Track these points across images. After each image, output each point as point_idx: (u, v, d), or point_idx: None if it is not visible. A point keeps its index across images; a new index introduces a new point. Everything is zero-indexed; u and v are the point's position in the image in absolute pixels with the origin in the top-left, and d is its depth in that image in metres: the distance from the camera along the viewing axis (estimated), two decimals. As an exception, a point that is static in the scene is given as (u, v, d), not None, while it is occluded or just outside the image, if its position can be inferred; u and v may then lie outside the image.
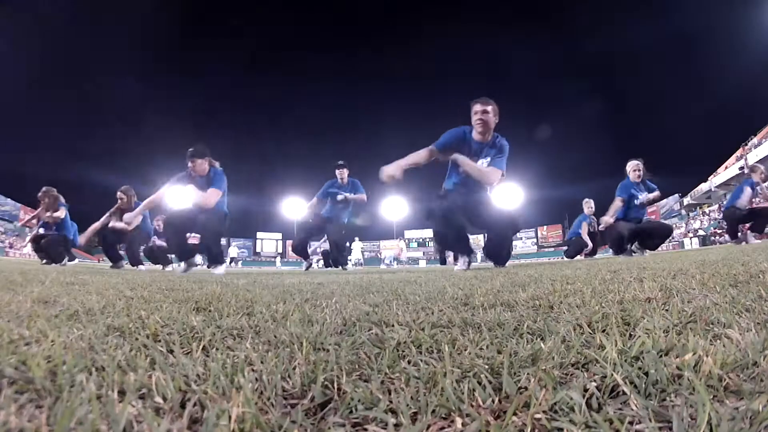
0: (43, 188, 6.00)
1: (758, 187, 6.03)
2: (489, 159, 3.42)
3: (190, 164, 4.04)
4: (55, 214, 5.89)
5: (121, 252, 6.07)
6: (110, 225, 5.21)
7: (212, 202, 4.07)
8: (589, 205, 7.38)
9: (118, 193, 5.60)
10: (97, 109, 77.03)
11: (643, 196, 5.21)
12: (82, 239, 5.94)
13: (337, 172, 5.94)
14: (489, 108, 3.35)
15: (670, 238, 6.69)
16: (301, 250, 6.16)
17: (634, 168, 5.25)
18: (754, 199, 6.17)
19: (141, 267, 6.00)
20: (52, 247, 5.85)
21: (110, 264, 5.87)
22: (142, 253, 6.48)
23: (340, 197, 5.82)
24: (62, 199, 6.09)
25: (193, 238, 4.39)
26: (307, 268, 5.95)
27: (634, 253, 5.45)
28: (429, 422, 0.34)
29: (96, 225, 5.61)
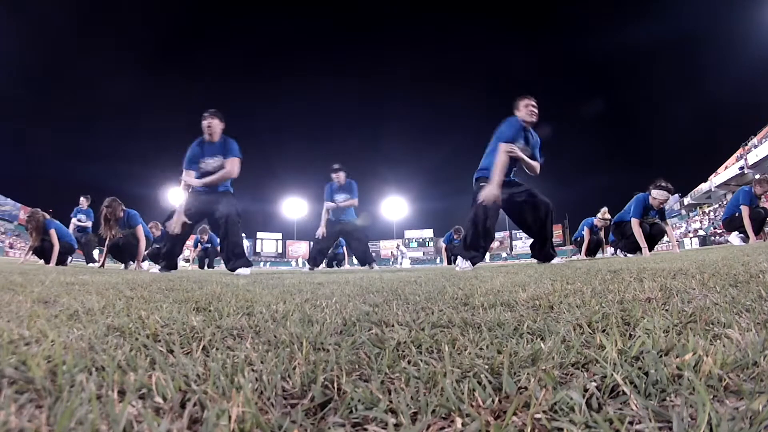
0: (27, 214, 5.86)
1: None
2: (527, 147, 3.79)
3: (206, 122, 3.84)
4: (49, 238, 5.79)
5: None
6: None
7: (236, 171, 3.93)
8: (603, 216, 7.31)
9: (104, 209, 5.39)
10: (97, 109, 77.12)
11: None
12: (100, 258, 5.96)
13: (333, 176, 6.11)
14: (535, 102, 3.79)
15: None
16: (320, 260, 6.33)
17: (662, 198, 5.18)
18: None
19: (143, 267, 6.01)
20: (57, 263, 5.89)
21: (123, 266, 5.95)
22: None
23: (330, 205, 6.06)
24: (47, 217, 5.91)
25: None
26: (311, 269, 6.01)
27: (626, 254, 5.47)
28: (429, 422, 0.34)
29: (106, 245, 5.61)
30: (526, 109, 3.76)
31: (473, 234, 3.65)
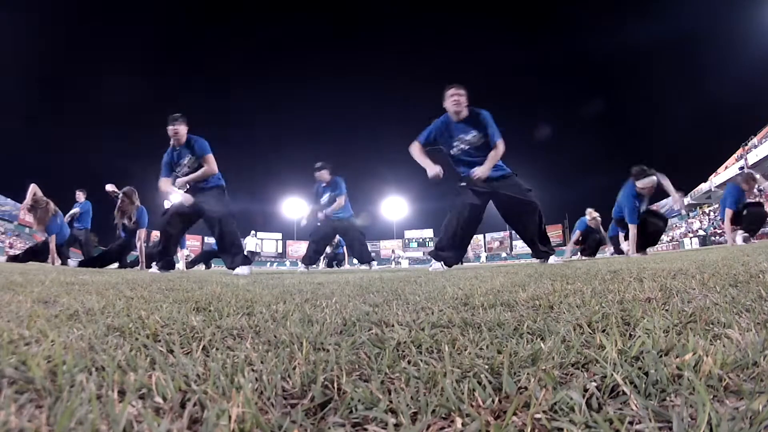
0: (35, 199, 5.59)
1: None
2: (476, 133, 3.72)
3: (171, 127, 3.95)
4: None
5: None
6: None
7: (214, 168, 4.03)
8: (591, 216, 7.30)
9: (121, 198, 5.46)
10: (97, 109, 77.11)
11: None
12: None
13: (316, 175, 6.06)
14: (461, 91, 3.72)
15: (670, 237, 6.67)
16: (315, 259, 6.30)
17: (650, 185, 5.09)
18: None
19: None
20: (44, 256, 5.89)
21: (118, 266, 5.94)
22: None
23: (321, 214, 6.12)
24: (55, 213, 5.82)
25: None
26: (306, 268, 6.00)
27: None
28: (429, 422, 0.34)
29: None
30: (450, 100, 3.67)
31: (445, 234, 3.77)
